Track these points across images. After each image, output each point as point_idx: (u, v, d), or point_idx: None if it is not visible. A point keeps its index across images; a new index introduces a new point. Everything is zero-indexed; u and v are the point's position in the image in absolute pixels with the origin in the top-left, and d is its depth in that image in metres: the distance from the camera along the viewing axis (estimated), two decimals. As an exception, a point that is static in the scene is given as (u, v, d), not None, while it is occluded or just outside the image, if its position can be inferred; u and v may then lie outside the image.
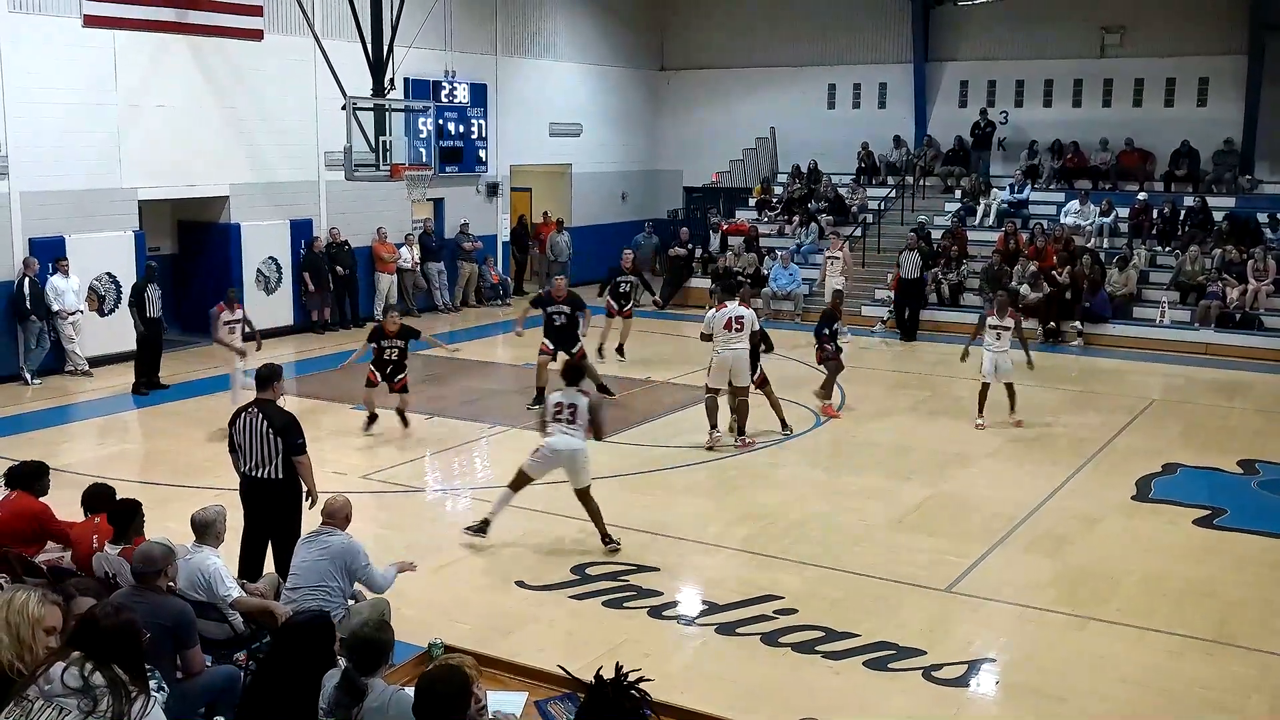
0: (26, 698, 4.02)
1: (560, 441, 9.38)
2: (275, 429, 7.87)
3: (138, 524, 6.98)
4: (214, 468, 10.34)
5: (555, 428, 9.44)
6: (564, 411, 9.45)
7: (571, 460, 9.38)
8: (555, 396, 9.59)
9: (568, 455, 9.37)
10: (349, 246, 19.97)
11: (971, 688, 7.33)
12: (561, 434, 9.41)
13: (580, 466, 9.41)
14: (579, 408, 9.43)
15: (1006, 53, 24.27)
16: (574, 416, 9.42)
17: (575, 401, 9.46)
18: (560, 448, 9.37)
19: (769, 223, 24.41)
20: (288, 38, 18.69)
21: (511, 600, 8.53)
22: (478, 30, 22.75)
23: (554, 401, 9.54)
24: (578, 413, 9.42)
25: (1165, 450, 12.70)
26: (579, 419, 9.42)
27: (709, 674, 7.41)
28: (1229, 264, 19.49)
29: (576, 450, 9.38)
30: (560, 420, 9.44)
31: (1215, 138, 22.17)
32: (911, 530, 10.18)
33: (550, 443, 9.40)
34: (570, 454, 9.37)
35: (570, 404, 9.45)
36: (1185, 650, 7.82)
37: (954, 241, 21.64)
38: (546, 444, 9.43)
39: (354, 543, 6.89)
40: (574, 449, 9.37)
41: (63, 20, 15.84)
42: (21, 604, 4.36)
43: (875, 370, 17.45)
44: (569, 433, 9.41)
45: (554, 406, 9.51)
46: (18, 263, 15.43)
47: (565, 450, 9.37)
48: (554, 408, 9.51)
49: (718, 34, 26.93)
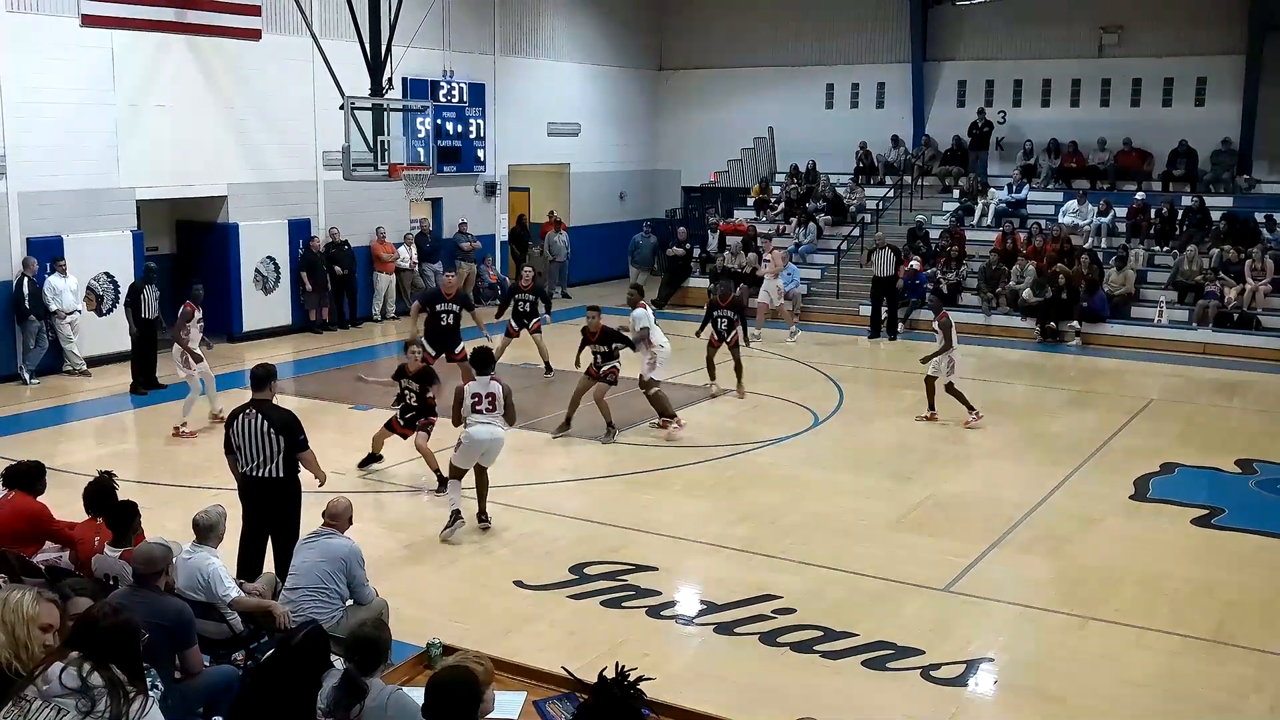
0: (25, 698, 4.01)
1: (481, 431, 9.66)
2: (275, 428, 7.86)
3: (136, 525, 6.97)
4: (212, 468, 10.33)
5: (475, 418, 9.67)
6: (483, 401, 9.71)
7: (493, 447, 9.77)
8: (472, 387, 9.77)
9: (489, 442, 9.72)
10: (349, 246, 19.97)
11: (970, 687, 7.33)
12: (481, 424, 9.67)
13: (497, 451, 9.85)
14: (496, 396, 9.70)
15: (1004, 52, 24.29)
16: (493, 404, 9.71)
17: (493, 390, 9.72)
18: (482, 437, 9.67)
19: (767, 222, 24.41)
20: (286, 37, 18.68)
21: (510, 600, 8.53)
22: (476, 30, 22.74)
23: (471, 393, 9.74)
24: (496, 400, 9.70)
25: (1163, 450, 12.70)
26: (498, 406, 9.71)
27: (707, 674, 7.40)
28: (1227, 264, 19.50)
29: (497, 438, 9.75)
30: (480, 410, 9.69)
31: (1213, 137, 22.18)
32: (910, 530, 10.18)
33: (471, 433, 9.65)
34: (492, 441, 9.73)
35: (488, 393, 9.72)
36: (1184, 650, 7.83)
37: (952, 241, 21.65)
38: (467, 434, 9.68)
39: (355, 548, 6.89)
40: (495, 437, 9.73)
41: (61, 20, 15.82)
42: (17, 603, 4.35)
43: (874, 370, 17.46)
44: (489, 421, 9.70)
45: (472, 398, 9.72)
46: (16, 263, 15.42)
47: (487, 439, 9.70)
48: (472, 399, 9.72)
49: (716, 34, 26.93)
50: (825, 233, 23.63)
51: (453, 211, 22.60)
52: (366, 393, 13.11)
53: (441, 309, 14.24)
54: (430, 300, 14.56)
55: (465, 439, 9.70)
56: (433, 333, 14.19)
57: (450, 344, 14.32)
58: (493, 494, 11.04)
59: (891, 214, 23.51)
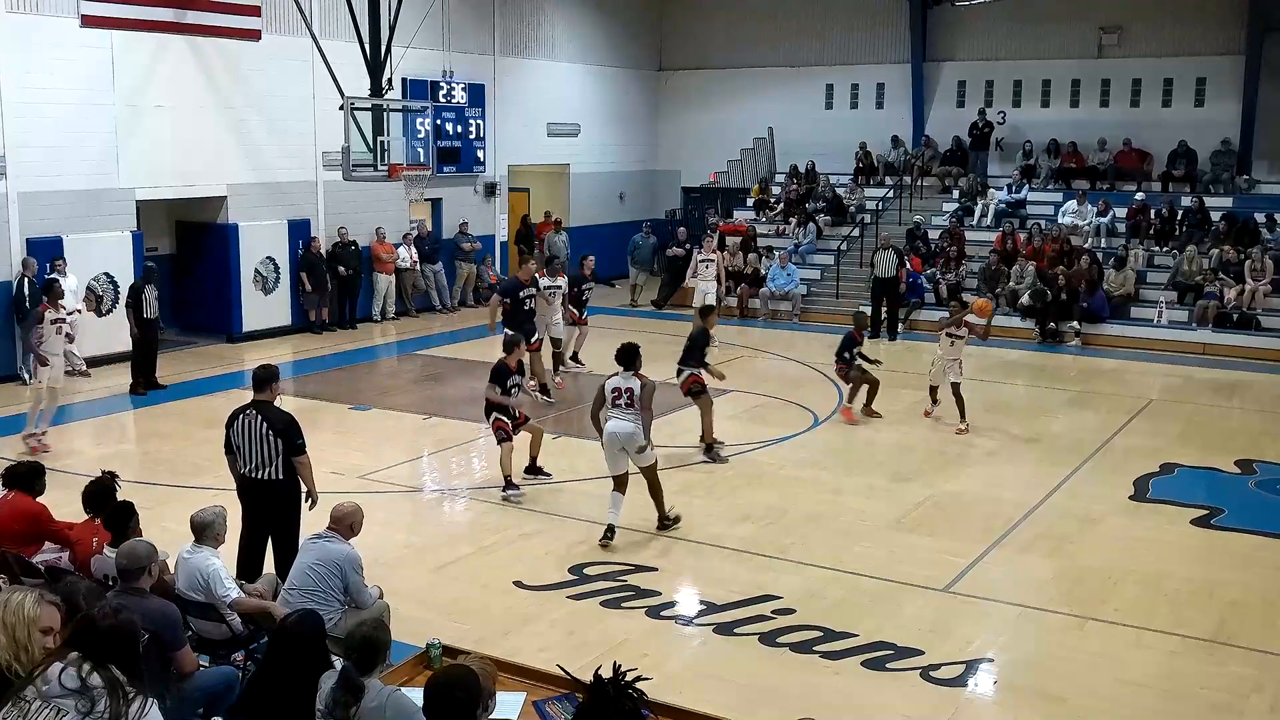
0: (24, 699, 4.00)
1: (615, 426, 9.46)
2: (275, 430, 7.86)
3: (134, 526, 6.97)
4: (213, 468, 10.33)
5: (612, 413, 9.50)
6: (622, 396, 9.52)
7: (629, 441, 9.43)
8: (614, 381, 9.61)
9: (623, 437, 9.43)
10: (355, 246, 19.95)
11: (970, 688, 7.33)
12: (616, 419, 9.48)
13: (639, 447, 9.47)
14: (635, 392, 9.48)
15: (1004, 53, 24.30)
16: (631, 400, 9.48)
17: (631, 386, 9.51)
18: (616, 431, 9.45)
19: (767, 223, 24.42)
20: (285, 38, 18.68)
21: (510, 600, 8.53)
22: (476, 30, 22.74)
23: (611, 387, 9.57)
24: (635, 396, 9.47)
25: (1163, 450, 12.71)
26: (636, 403, 9.46)
27: (707, 674, 7.40)
28: (1226, 264, 19.51)
29: (631, 433, 9.43)
30: (618, 405, 9.50)
31: (1213, 138, 22.19)
32: (910, 530, 10.18)
33: (606, 428, 9.50)
34: (626, 436, 9.43)
35: (627, 388, 9.52)
36: (1184, 650, 7.83)
37: (952, 241, 21.66)
38: (604, 431, 9.52)
39: (352, 554, 6.84)
40: (629, 431, 9.43)
41: (61, 20, 15.83)
42: (18, 604, 4.34)
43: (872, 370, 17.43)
44: (625, 417, 9.47)
45: (611, 392, 9.55)
46: (16, 263, 15.42)
47: (620, 433, 9.44)
48: (611, 393, 9.55)
49: (716, 34, 26.94)
50: (825, 233, 23.64)
51: (452, 212, 22.60)
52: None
53: (524, 295, 14.36)
54: (513, 290, 14.49)
55: (604, 437, 9.55)
56: (518, 321, 13.92)
57: (530, 332, 14.11)
58: (491, 494, 11.08)
59: (891, 214, 23.51)
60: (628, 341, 9.99)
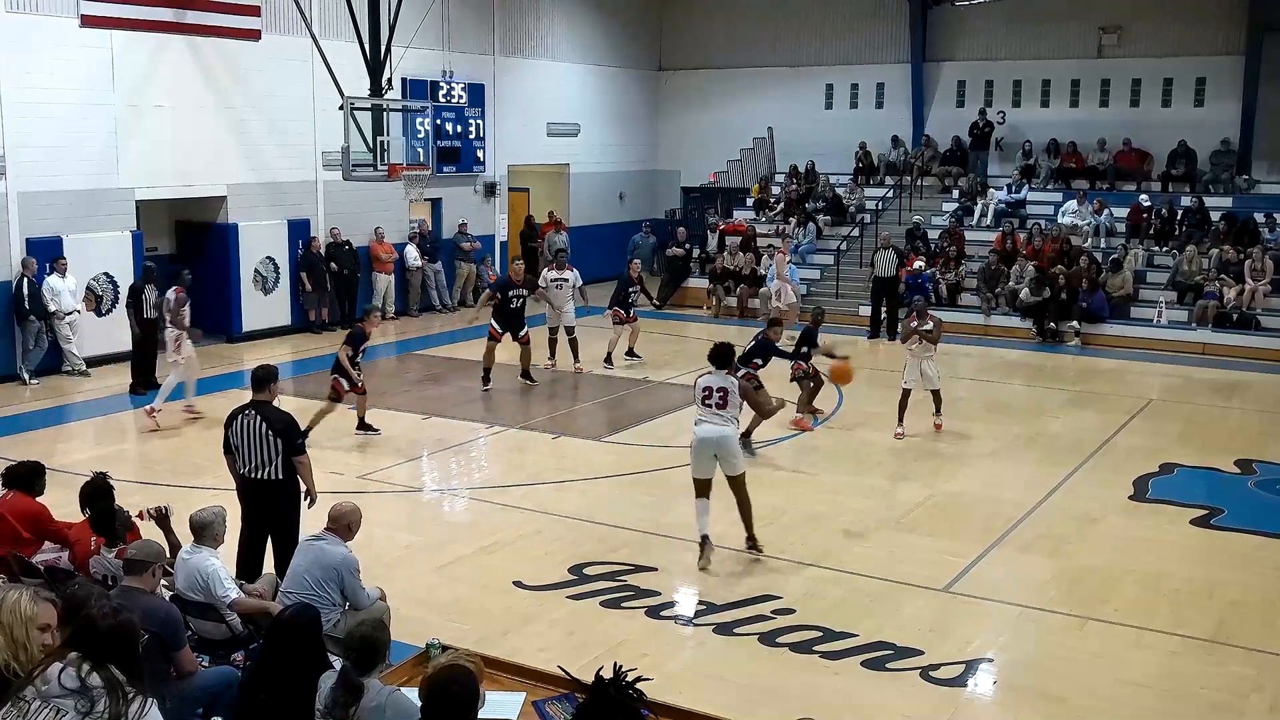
0: (23, 699, 4.00)
1: (707, 430, 9.00)
2: (275, 430, 7.85)
3: (123, 522, 6.96)
4: (212, 468, 10.32)
5: (704, 414, 9.03)
6: (713, 396, 9.03)
7: (721, 446, 8.98)
8: (705, 380, 9.13)
9: (716, 441, 8.97)
10: (350, 246, 19.96)
11: (969, 688, 7.33)
12: (708, 421, 9.01)
13: (732, 452, 9.02)
14: (729, 392, 9.05)
15: (1004, 53, 24.29)
16: (724, 402, 9.03)
17: (725, 385, 9.06)
18: (708, 435, 8.99)
19: (767, 223, 24.42)
20: (285, 38, 18.68)
21: (510, 600, 8.52)
22: (475, 30, 22.74)
23: (703, 386, 9.10)
24: (728, 397, 9.05)
25: (1163, 450, 12.71)
26: (730, 404, 9.04)
27: (707, 674, 7.39)
28: (1226, 264, 19.51)
29: (725, 436, 8.99)
30: (709, 406, 9.03)
31: (1212, 138, 22.18)
32: (910, 530, 10.18)
33: (698, 430, 9.04)
34: (718, 440, 8.98)
35: (720, 388, 9.04)
36: (1184, 650, 7.83)
37: (952, 241, 21.65)
38: (694, 433, 9.07)
39: (348, 556, 6.80)
40: (723, 435, 8.98)
41: (60, 20, 15.82)
42: (14, 603, 4.33)
43: (871, 370, 17.43)
44: (716, 419, 9.01)
45: (702, 391, 9.08)
46: (15, 263, 15.41)
47: (714, 438, 8.97)
48: (702, 392, 9.07)
49: (716, 34, 26.94)
50: (825, 233, 23.64)
51: (452, 212, 22.60)
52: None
53: (513, 294, 15.21)
54: (503, 287, 15.41)
55: (694, 439, 9.06)
56: (504, 315, 15.21)
57: (518, 326, 15.25)
58: (490, 494, 11.09)
59: (891, 214, 23.51)
60: (722, 341, 9.54)
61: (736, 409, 9.11)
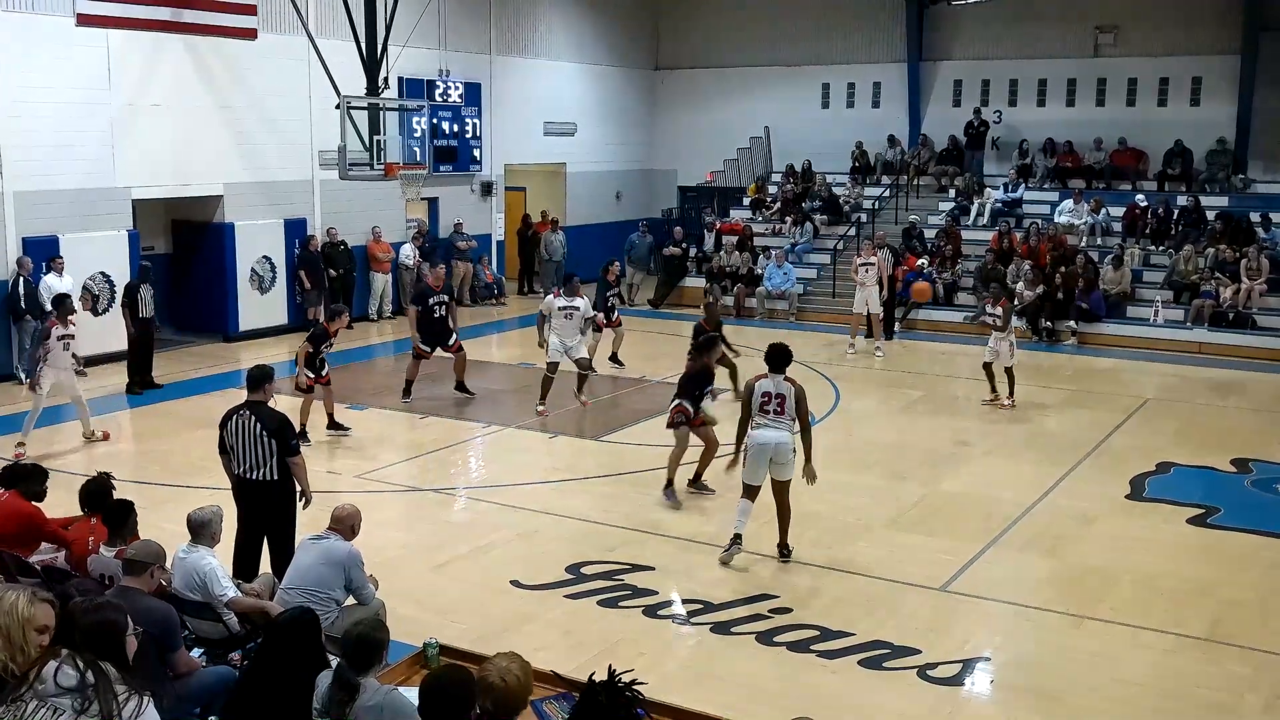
0: (20, 699, 3.99)
1: (766, 435, 8.89)
2: (269, 431, 7.84)
3: (131, 524, 6.95)
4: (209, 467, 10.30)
5: (762, 419, 8.91)
6: (771, 402, 8.89)
7: (779, 452, 8.88)
8: (764, 385, 8.97)
9: (774, 448, 8.87)
10: (346, 246, 19.94)
11: (966, 687, 7.34)
12: (768, 426, 8.90)
13: (786, 459, 8.90)
14: (787, 398, 8.90)
15: (1000, 52, 24.31)
16: (782, 407, 8.89)
17: (783, 391, 8.90)
18: (767, 441, 8.88)
19: (763, 222, 24.43)
20: (282, 37, 18.67)
21: (507, 600, 8.52)
22: (472, 29, 22.73)
23: (761, 391, 8.93)
24: (786, 403, 8.90)
25: (1159, 449, 12.71)
26: (787, 410, 8.91)
27: (704, 673, 7.40)
28: (1222, 263, 19.52)
29: (783, 443, 8.87)
30: (767, 412, 8.90)
31: (1208, 137, 22.22)
32: (907, 529, 10.19)
33: (755, 435, 8.92)
34: (777, 446, 8.87)
35: (778, 394, 8.88)
36: (1180, 649, 7.84)
37: (948, 241, 21.66)
38: (751, 437, 8.95)
39: (354, 551, 6.87)
40: (780, 441, 8.86)
41: (57, 19, 15.80)
42: (10, 605, 4.28)
43: (870, 369, 17.46)
44: (776, 425, 8.89)
45: (761, 397, 8.91)
46: (11, 262, 15.39)
47: (772, 443, 8.86)
48: (761, 398, 8.91)
49: (712, 33, 26.94)
50: (821, 232, 23.64)
51: (449, 211, 22.59)
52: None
53: (434, 303, 14.32)
54: (420, 298, 14.56)
55: (750, 444, 8.92)
56: (426, 326, 14.28)
57: (443, 336, 14.41)
58: (489, 493, 11.10)
59: (888, 213, 23.53)
60: (778, 342, 9.31)
61: (793, 415, 8.97)
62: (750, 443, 8.99)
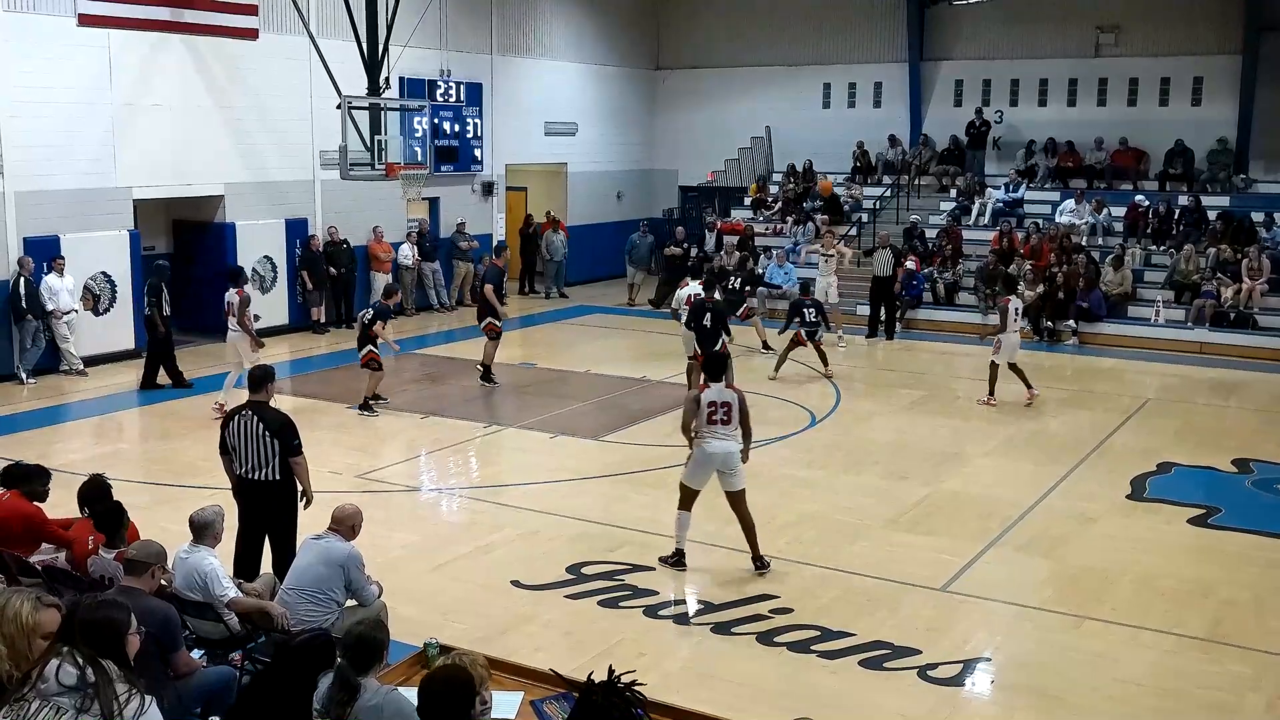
0: (23, 699, 3.98)
1: (715, 446, 8.79)
2: (271, 431, 7.84)
3: (125, 525, 6.96)
4: (211, 467, 10.31)
5: (709, 431, 8.81)
6: (719, 411, 8.79)
7: (727, 463, 8.84)
8: (709, 395, 8.85)
9: (722, 458, 8.81)
10: (347, 245, 19.95)
11: (967, 687, 7.34)
12: (715, 437, 8.80)
13: (735, 468, 8.87)
14: (733, 405, 8.84)
15: (1001, 52, 24.30)
16: (729, 415, 8.83)
17: (729, 399, 8.84)
18: (716, 451, 8.79)
19: (764, 221, 24.43)
20: (283, 37, 18.67)
21: (507, 600, 8.53)
22: (473, 29, 22.73)
23: (708, 401, 8.82)
24: (732, 411, 8.84)
25: (1160, 449, 12.72)
26: (734, 418, 8.86)
27: (704, 673, 7.40)
28: (1223, 263, 19.52)
29: (731, 453, 8.83)
30: (715, 422, 8.80)
31: (1209, 137, 22.21)
32: (907, 529, 10.19)
33: (704, 447, 8.82)
34: (725, 457, 8.82)
35: (724, 402, 8.81)
36: (1180, 649, 7.84)
37: (949, 240, 21.66)
38: (699, 449, 8.85)
39: (354, 552, 6.86)
40: (729, 452, 8.82)
41: (58, 19, 15.79)
42: (15, 612, 4.22)
43: (870, 369, 17.47)
44: (724, 436, 8.81)
45: (708, 406, 8.81)
46: (13, 262, 15.39)
47: (721, 454, 8.79)
48: (708, 408, 8.80)
49: (713, 33, 26.94)
50: (822, 232, 23.60)
51: (450, 211, 22.59)
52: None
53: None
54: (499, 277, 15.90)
55: (698, 454, 8.83)
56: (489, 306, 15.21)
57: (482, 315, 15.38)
58: (489, 493, 11.10)
59: (889, 213, 23.53)
60: (714, 351, 9.25)
61: (738, 423, 8.95)
62: (700, 453, 8.90)
